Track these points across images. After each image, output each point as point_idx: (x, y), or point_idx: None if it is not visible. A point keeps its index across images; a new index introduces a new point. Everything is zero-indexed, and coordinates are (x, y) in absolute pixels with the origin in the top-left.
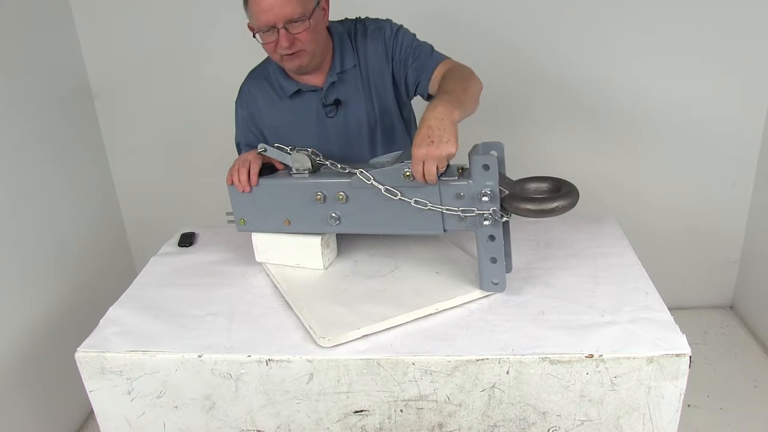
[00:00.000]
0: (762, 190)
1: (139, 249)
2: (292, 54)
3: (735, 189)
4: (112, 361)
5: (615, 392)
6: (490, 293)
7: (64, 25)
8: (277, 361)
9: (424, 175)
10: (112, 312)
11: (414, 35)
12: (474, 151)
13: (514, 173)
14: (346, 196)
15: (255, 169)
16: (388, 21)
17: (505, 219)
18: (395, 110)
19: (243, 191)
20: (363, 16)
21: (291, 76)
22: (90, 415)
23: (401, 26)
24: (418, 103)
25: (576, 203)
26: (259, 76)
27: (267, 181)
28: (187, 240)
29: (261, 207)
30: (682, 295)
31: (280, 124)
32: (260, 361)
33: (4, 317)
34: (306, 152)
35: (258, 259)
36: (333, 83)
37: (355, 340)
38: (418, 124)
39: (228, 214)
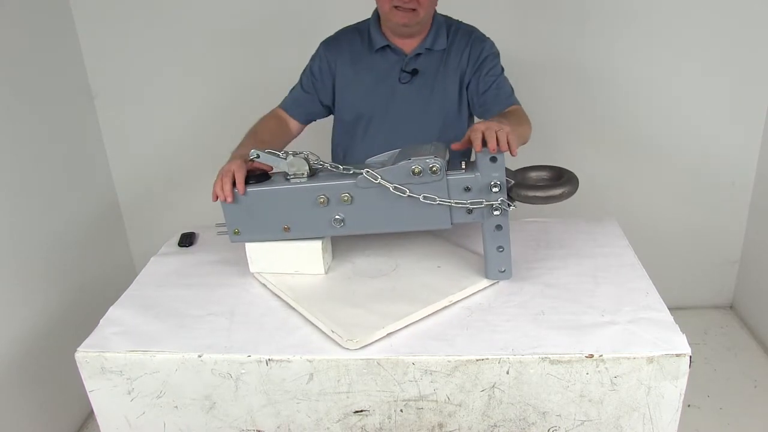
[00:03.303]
0: (762, 190)
1: (139, 249)
2: (406, 9)
3: (735, 189)
4: (112, 361)
5: (615, 392)
6: (496, 281)
7: (64, 24)
8: (277, 361)
9: (494, 139)
10: (112, 312)
11: (502, 67)
12: None
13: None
14: (351, 197)
15: (240, 178)
16: (492, 42)
17: (512, 207)
18: (459, 107)
19: (227, 201)
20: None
21: (384, 33)
22: (90, 415)
23: (498, 52)
24: None
25: (577, 188)
26: (353, 29)
27: (262, 189)
28: (187, 240)
29: (257, 216)
30: (682, 295)
31: (355, 78)
32: (260, 361)
33: (4, 317)
34: (303, 156)
35: (252, 269)
36: (419, 54)
37: (380, 339)
38: None
39: (218, 225)
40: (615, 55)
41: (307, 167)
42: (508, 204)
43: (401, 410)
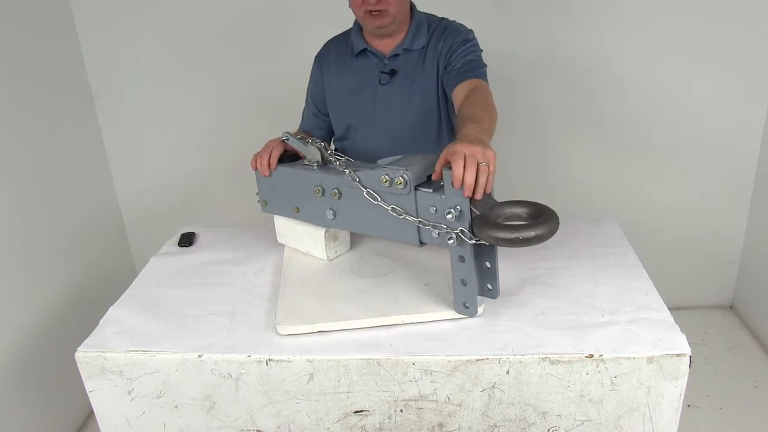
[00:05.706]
0: (762, 190)
1: (139, 249)
2: (377, 12)
3: (735, 189)
4: (112, 361)
5: (615, 392)
6: (462, 316)
7: (64, 24)
8: (277, 361)
9: (464, 181)
10: (112, 312)
11: (481, 51)
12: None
13: (512, 172)
14: (339, 193)
15: (275, 156)
16: (471, 31)
17: (474, 242)
18: (438, 102)
19: (263, 175)
20: (450, 19)
21: (364, 37)
22: (90, 415)
23: (475, 39)
24: None
25: (550, 235)
26: (341, 37)
27: (282, 169)
28: (187, 240)
29: (278, 192)
30: (682, 295)
31: (340, 84)
32: (260, 361)
33: (5, 317)
34: (318, 145)
35: (279, 240)
36: (396, 55)
37: (310, 333)
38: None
39: (258, 193)
40: (615, 55)
41: (319, 157)
42: (470, 237)
43: (401, 410)
